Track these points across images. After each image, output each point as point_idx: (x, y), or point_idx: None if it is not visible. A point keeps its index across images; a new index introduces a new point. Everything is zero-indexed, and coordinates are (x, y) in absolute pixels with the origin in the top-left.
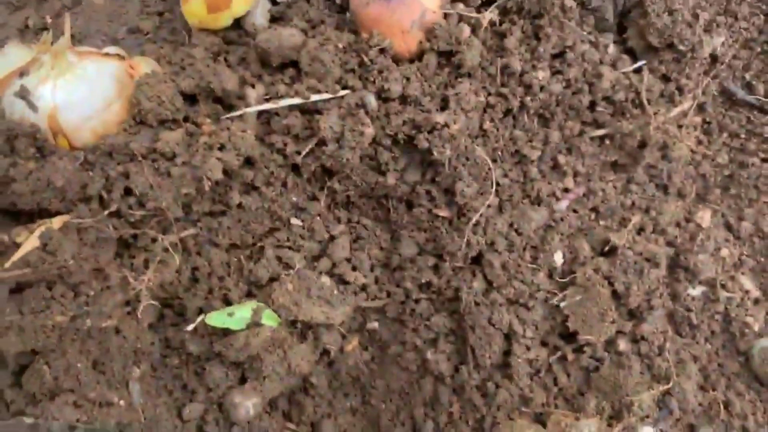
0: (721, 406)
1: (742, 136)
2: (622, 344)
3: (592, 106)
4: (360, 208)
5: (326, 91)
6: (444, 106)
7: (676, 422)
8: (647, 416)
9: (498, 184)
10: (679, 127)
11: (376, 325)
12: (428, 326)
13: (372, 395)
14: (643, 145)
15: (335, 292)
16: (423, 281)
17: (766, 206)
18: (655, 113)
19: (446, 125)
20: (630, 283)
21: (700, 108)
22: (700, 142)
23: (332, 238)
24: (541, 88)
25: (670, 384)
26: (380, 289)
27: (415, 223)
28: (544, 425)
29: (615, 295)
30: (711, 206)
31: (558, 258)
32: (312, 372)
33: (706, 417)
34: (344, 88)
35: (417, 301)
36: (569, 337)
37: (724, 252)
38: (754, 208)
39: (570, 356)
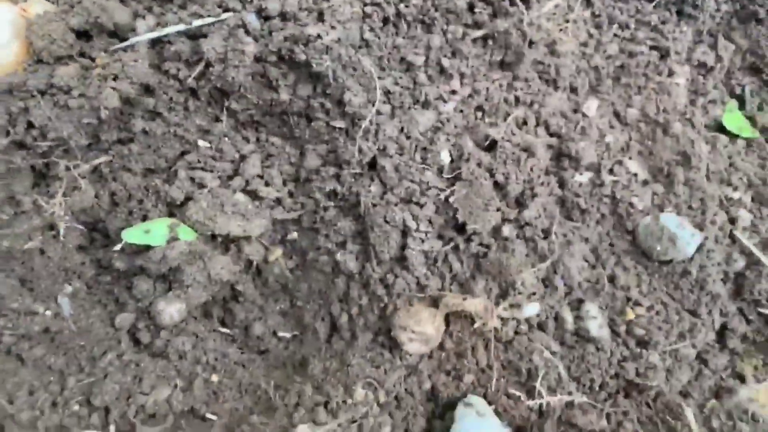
0: (606, 280)
1: (632, 26)
2: (507, 230)
3: (471, 8)
4: (266, 127)
5: (208, 15)
6: (320, 18)
7: (565, 297)
8: (533, 294)
9: (389, 92)
10: (567, 21)
11: (295, 235)
12: (336, 231)
13: (297, 297)
14: (529, 42)
15: (249, 206)
16: (328, 190)
17: (653, 92)
18: (527, 9)
19: (319, 36)
20: (509, 173)
21: (588, 2)
22: (591, 35)
23: (243, 157)
24: None
25: (548, 262)
26: (294, 202)
27: (315, 136)
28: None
29: (497, 186)
30: (601, 97)
31: (445, 156)
32: (238, 281)
33: (593, 291)
34: (225, 11)
35: (326, 209)
36: (461, 228)
37: (609, 138)
38: (642, 95)
39: (462, 245)
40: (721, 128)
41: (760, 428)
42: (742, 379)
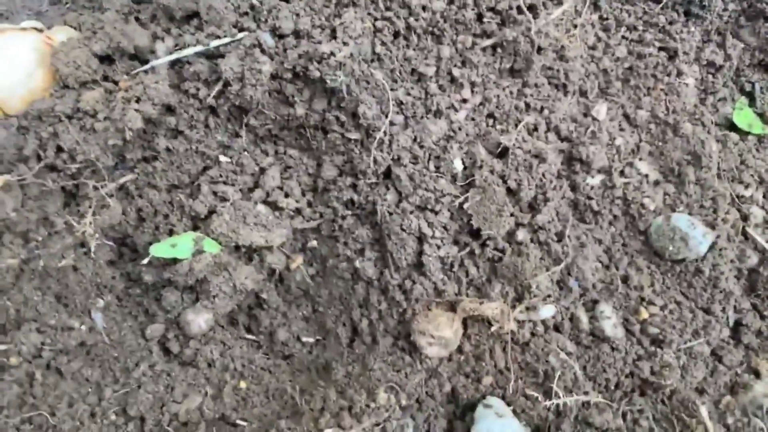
0: (619, 281)
1: (639, 28)
2: (521, 235)
3: (479, 18)
4: (284, 140)
5: (225, 35)
6: (333, 35)
7: (579, 298)
8: (548, 296)
9: (402, 103)
10: (575, 26)
11: (315, 243)
12: (355, 239)
13: (319, 303)
14: (537, 48)
15: (270, 217)
16: (345, 199)
17: (663, 93)
18: (535, 17)
19: (332, 54)
20: (521, 179)
21: (596, 5)
22: (599, 39)
23: (263, 170)
24: (423, 8)
25: (562, 265)
26: (313, 211)
27: (332, 148)
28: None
29: (510, 192)
30: (611, 99)
31: (458, 164)
32: (262, 289)
33: (607, 292)
34: (241, 30)
35: (344, 217)
36: (475, 233)
37: (619, 141)
38: (651, 96)
39: (477, 250)
40: (731, 126)
41: None
42: (757, 374)
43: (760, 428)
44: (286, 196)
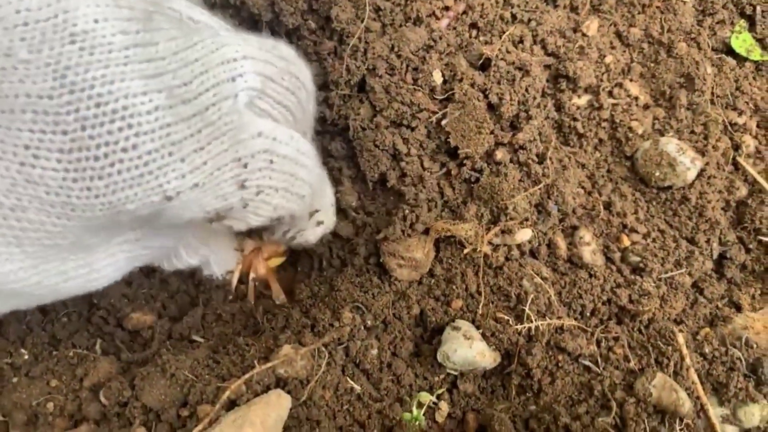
0: (602, 207)
1: None
2: (500, 154)
3: None
4: None
5: None
6: None
7: (559, 223)
8: (525, 220)
9: (380, 8)
10: None
11: None
12: (331, 154)
13: None
14: None
15: None
16: (318, 116)
17: (658, 11)
18: None
19: None
20: (503, 93)
21: None
22: None
23: None
24: None
25: (540, 185)
26: None
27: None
28: None
29: (491, 107)
30: (603, 16)
31: (437, 77)
32: None
33: (588, 217)
34: None
35: (319, 133)
36: (453, 153)
37: (609, 59)
38: (645, 14)
39: (454, 171)
40: (729, 50)
41: (753, 354)
42: (738, 308)
43: (737, 357)
44: None
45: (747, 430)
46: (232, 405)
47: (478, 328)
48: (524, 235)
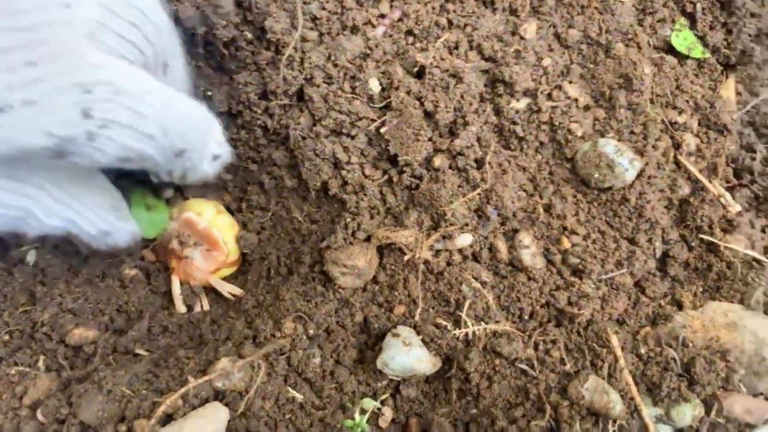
0: (541, 210)
1: None
2: (438, 161)
3: None
4: (197, 56)
5: None
6: None
7: (500, 227)
8: (465, 225)
9: (316, 18)
10: None
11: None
12: (275, 163)
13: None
14: None
15: None
16: (260, 124)
17: (597, 12)
18: None
19: None
20: (438, 100)
21: None
22: None
23: None
24: None
25: (478, 191)
26: (230, 137)
27: (243, 67)
28: None
29: (427, 115)
30: (543, 18)
31: (374, 85)
32: None
33: (528, 221)
34: None
35: (262, 145)
36: (394, 160)
37: (547, 62)
38: (584, 14)
39: (395, 177)
40: (670, 49)
41: (689, 354)
42: (680, 306)
43: (672, 357)
44: None
45: (680, 429)
46: (168, 419)
47: (418, 333)
48: (464, 240)
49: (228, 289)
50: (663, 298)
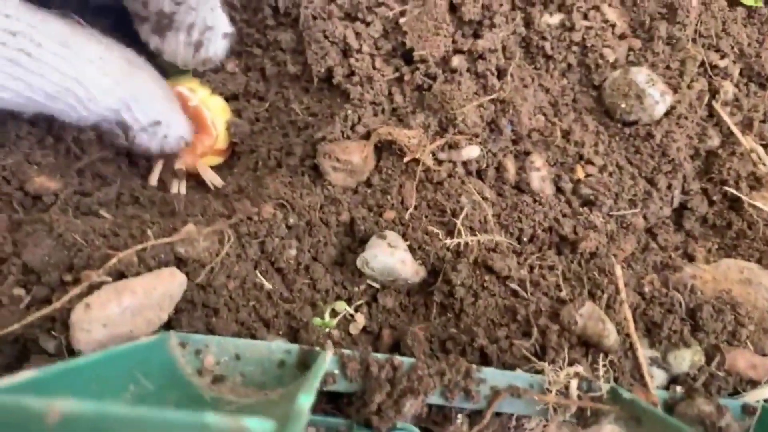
0: (559, 134)
1: None
2: (456, 61)
3: None
4: None
5: None
6: None
7: (512, 144)
8: (475, 135)
9: None
10: None
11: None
12: (280, 47)
13: None
14: None
15: None
16: (270, 2)
17: None
18: None
19: None
20: None
21: None
22: None
23: None
24: None
25: (493, 95)
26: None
27: None
28: None
29: (453, 9)
30: None
31: None
32: None
33: (543, 143)
34: None
35: (269, 26)
36: (409, 58)
37: None
38: None
39: (407, 76)
40: None
41: (695, 300)
42: (692, 259)
43: (678, 300)
44: None
45: (675, 376)
46: (121, 277)
47: (406, 239)
48: (472, 152)
49: (210, 177)
50: (674, 250)
